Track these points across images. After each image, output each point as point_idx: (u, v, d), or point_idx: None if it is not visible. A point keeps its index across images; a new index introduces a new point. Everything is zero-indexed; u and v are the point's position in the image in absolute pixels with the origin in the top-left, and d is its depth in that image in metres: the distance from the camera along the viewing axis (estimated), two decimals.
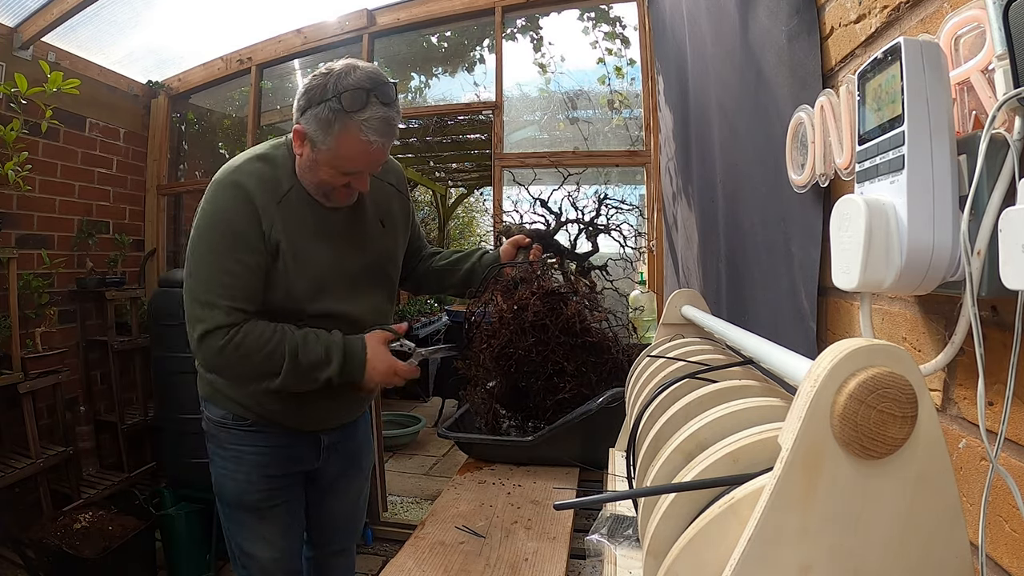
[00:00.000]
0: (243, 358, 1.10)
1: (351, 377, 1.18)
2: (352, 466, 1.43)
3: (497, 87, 2.62)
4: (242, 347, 1.09)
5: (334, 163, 1.10)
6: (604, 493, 0.95)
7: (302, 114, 1.10)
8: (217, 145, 3.51)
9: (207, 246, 1.11)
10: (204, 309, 1.10)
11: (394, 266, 1.35)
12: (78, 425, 2.65)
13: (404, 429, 3.85)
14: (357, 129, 1.06)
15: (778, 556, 0.33)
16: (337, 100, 1.05)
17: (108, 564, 2.02)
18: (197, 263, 1.12)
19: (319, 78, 1.08)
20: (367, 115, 1.05)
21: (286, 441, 1.26)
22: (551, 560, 0.96)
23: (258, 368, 1.12)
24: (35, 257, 2.55)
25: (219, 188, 1.12)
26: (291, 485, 1.30)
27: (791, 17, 0.82)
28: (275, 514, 1.28)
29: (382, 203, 1.30)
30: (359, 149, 1.08)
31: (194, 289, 1.12)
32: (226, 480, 1.27)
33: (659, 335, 1.04)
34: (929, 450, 0.33)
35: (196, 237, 1.13)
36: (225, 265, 1.09)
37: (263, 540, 1.28)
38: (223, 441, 1.26)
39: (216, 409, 1.27)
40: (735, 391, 0.58)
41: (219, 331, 1.09)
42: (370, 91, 1.06)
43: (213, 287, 1.10)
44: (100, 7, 2.45)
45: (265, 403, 1.22)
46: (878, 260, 0.47)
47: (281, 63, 3.09)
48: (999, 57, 0.40)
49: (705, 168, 1.43)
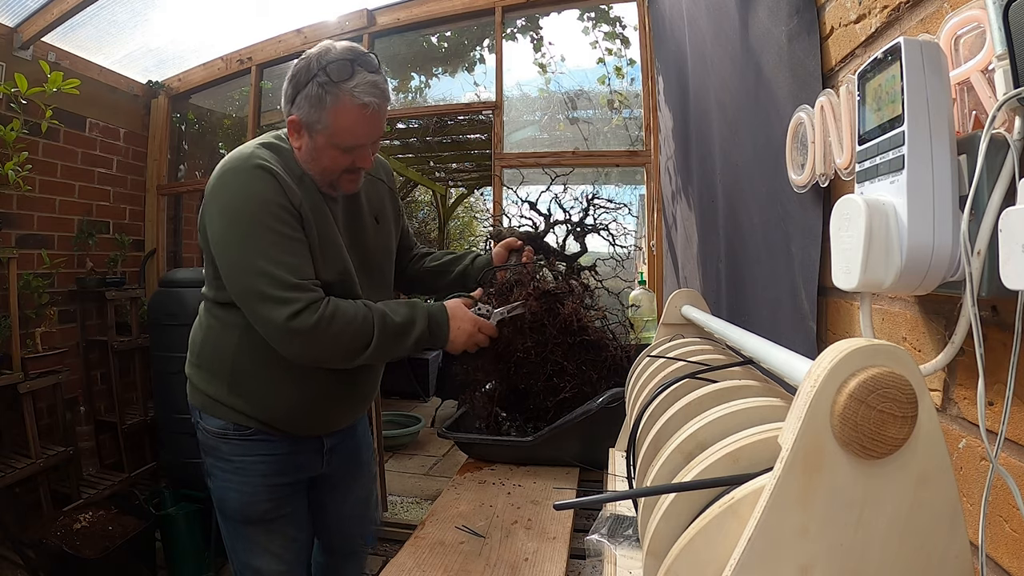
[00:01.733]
0: (338, 333, 1.05)
1: (437, 337, 1.16)
2: (354, 465, 1.42)
3: (497, 87, 2.62)
4: (334, 321, 1.04)
5: (334, 139, 1.08)
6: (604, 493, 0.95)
7: (292, 103, 1.09)
8: (217, 145, 3.51)
9: (254, 230, 1.04)
10: (285, 290, 1.02)
11: (390, 262, 1.36)
12: (78, 425, 2.65)
13: (404, 429, 3.85)
14: (349, 96, 1.05)
15: (778, 556, 0.33)
16: (324, 73, 1.04)
17: (108, 564, 2.02)
18: (250, 250, 1.04)
19: (300, 63, 1.08)
20: (355, 82, 1.05)
21: (289, 448, 1.23)
22: (551, 560, 0.96)
23: (351, 341, 1.07)
24: (35, 257, 2.55)
25: (241, 173, 1.06)
26: (295, 494, 1.27)
27: (791, 17, 0.82)
28: (281, 525, 1.24)
29: (375, 199, 1.30)
30: (355, 117, 1.07)
31: (258, 275, 1.03)
32: (229, 493, 1.22)
33: (659, 335, 1.04)
34: (929, 450, 0.33)
35: (234, 225, 1.05)
36: (283, 244, 1.05)
37: (269, 553, 1.23)
38: (224, 453, 1.21)
39: (214, 420, 1.21)
40: (735, 391, 0.58)
41: (308, 309, 1.03)
42: (353, 61, 1.05)
43: (283, 267, 1.03)
44: (100, 7, 2.45)
45: (270, 409, 1.18)
46: (878, 260, 0.47)
47: (281, 63, 3.08)
48: (999, 57, 0.40)
49: (705, 168, 1.43)
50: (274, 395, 1.17)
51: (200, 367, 1.23)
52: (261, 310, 1.04)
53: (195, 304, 2.42)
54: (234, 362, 1.17)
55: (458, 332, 1.18)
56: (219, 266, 1.09)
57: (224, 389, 1.18)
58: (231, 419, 1.19)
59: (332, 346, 1.07)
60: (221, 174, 1.08)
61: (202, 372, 1.22)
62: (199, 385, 1.22)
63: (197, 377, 1.23)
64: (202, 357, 1.22)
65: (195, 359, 1.24)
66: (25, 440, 2.24)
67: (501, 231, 1.51)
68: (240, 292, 1.07)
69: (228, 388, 1.18)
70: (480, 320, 1.22)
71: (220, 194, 1.07)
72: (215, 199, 1.08)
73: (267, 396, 1.17)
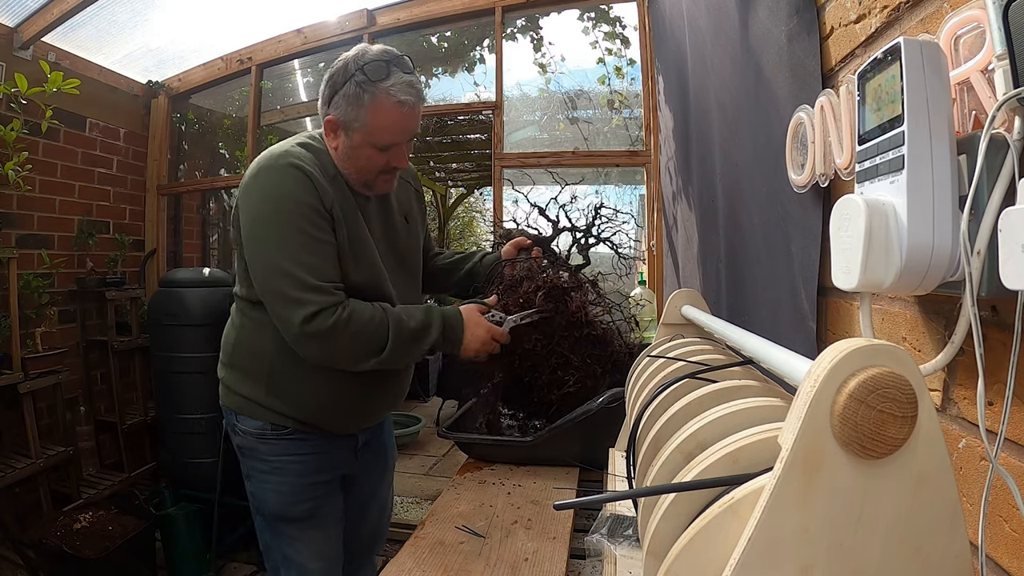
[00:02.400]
0: (354, 335, 1.06)
1: (451, 342, 1.17)
2: (381, 465, 1.42)
3: (497, 87, 2.62)
4: (351, 324, 1.06)
5: (370, 138, 1.10)
6: (604, 493, 0.95)
7: (329, 104, 1.11)
8: (217, 145, 3.51)
9: (283, 230, 1.05)
10: (304, 292, 1.04)
11: (419, 262, 1.37)
12: (78, 425, 2.65)
13: (404, 429, 3.84)
14: (385, 95, 1.07)
15: (778, 556, 0.33)
16: (361, 72, 1.07)
17: (108, 564, 2.02)
18: (276, 250, 1.05)
19: (337, 65, 1.10)
20: (391, 81, 1.07)
21: (325, 446, 1.22)
22: (551, 560, 0.96)
23: (366, 345, 1.08)
24: (35, 257, 2.55)
25: (274, 171, 1.08)
26: (332, 492, 1.27)
27: (791, 17, 0.82)
28: (320, 522, 1.24)
29: (403, 200, 1.32)
30: (392, 116, 1.09)
31: (280, 276, 1.05)
32: (268, 494, 1.21)
33: (659, 335, 1.04)
34: (929, 450, 0.33)
35: (264, 223, 1.07)
36: (309, 245, 1.06)
37: (310, 550, 1.23)
38: (263, 454, 1.20)
39: (252, 421, 1.20)
40: (735, 391, 0.58)
41: (326, 311, 1.04)
42: (389, 62, 1.08)
43: (305, 269, 1.05)
44: (100, 7, 2.45)
45: (308, 407, 1.18)
46: (878, 260, 0.47)
47: (281, 63, 3.09)
48: (999, 57, 0.40)
49: (705, 168, 1.43)
50: (312, 394, 1.17)
51: (234, 368, 1.22)
52: (279, 310, 1.06)
53: (195, 304, 2.48)
54: (271, 362, 1.16)
55: (472, 339, 1.19)
56: (248, 264, 1.10)
57: (262, 390, 1.17)
58: (268, 419, 1.18)
59: (347, 349, 1.08)
60: (256, 172, 1.09)
61: (236, 373, 1.21)
62: (234, 387, 1.21)
63: (232, 379, 1.22)
64: (236, 358, 1.21)
65: (228, 360, 1.23)
66: (25, 440, 2.24)
67: (511, 231, 1.52)
68: (264, 291, 1.08)
69: (266, 389, 1.17)
70: (494, 327, 1.22)
71: (253, 191, 1.08)
72: (248, 196, 1.09)
73: (304, 395, 1.17)
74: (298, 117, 3.39)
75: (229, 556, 2.50)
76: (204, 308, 2.47)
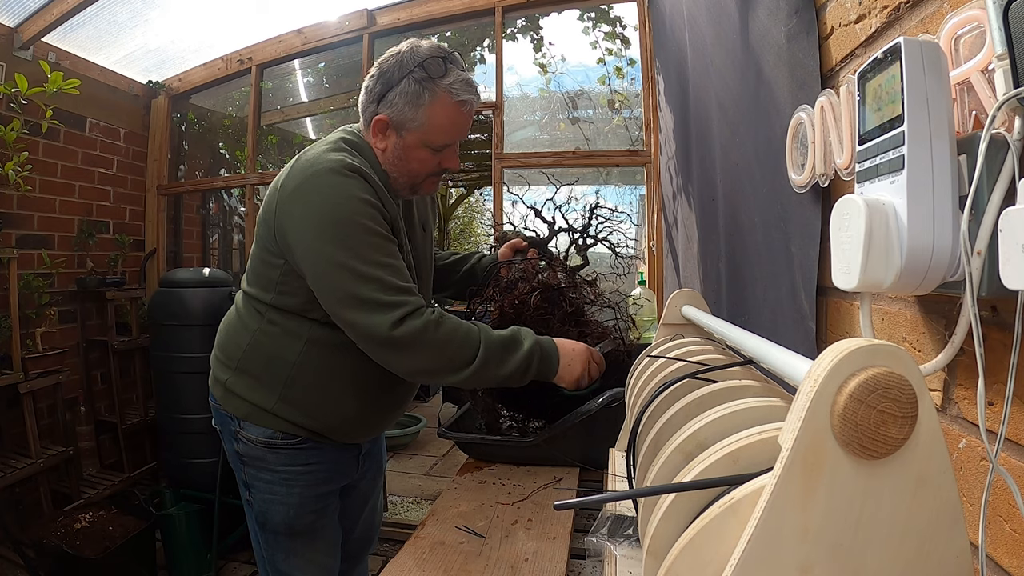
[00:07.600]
0: (444, 342, 0.99)
1: (544, 361, 1.07)
2: (376, 470, 1.41)
3: (497, 87, 2.62)
4: (441, 328, 0.99)
5: (427, 139, 1.05)
6: (604, 493, 0.95)
7: (380, 102, 1.05)
8: (217, 145, 3.51)
9: (355, 233, 0.98)
10: (391, 295, 0.97)
11: (430, 271, 1.34)
12: (78, 425, 2.65)
13: (404, 429, 3.84)
14: (446, 93, 1.03)
15: (778, 556, 0.33)
16: (421, 69, 1.01)
17: (108, 564, 2.02)
18: (350, 255, 0.97)
19: (389, 61, 1.05)
20: (451, 79, 1.03)
21: (334, 455, 1.19)
22: (551, 560, 0.96)
23: (455, 353, 1.01)
24: (35, 257, 2.55)
25: (329, 174, 0.99)
26: (333, 501, 1.24)
27: (791, 17, 0.82)
28: (323, 534, 1.21)
29: (422, 207, 1.29)
30: (453, 115, 1.04)
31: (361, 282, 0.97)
32: (274, 506, 1.16)
33: (659, 335, 1.04)
34: (929, 450, 0.33)
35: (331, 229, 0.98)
36: (384, 247, 1.00)
37: (312, 564, 1.20)
38: (270, 463, 1.14)
39: (259, 429, 1.13)
40: (735, 391, 0.58)
41: (418, 312, 0.98)
42: (444, 59, 1.03)
43: (388, 271, 0.98)
44: (100, 7, 2.45)
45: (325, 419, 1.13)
46: (878, 260, 0.47)
47: (281, 63, 3.09)
48: (999, 57, 0.40)
49: (705, 168, 1.43)
50: (332, 406, 1.13)
51: (245, 373, 1.14)
52: (361, 318, 0.97)
53: (195, 304, 2.48)
54: (294, 372, 1.11)
55: (573, 353, 1.10)
56: (308, 273, 1.02)
57: (274, 398, 1.11)
58: (279, 428, 1.12)
59: (438, 354, 1.00)
60: (310, 175, 1.01)
61: (247, 378, 1.14)
62: (241, 393, 1.14)
63: (240, 384, 1.14)
64: (247, 363, 1.14)
65: (236, 364, 1.15)
66: (25, 440, 2.24)
67: (506, 233, 1.53)
68: (339, 300, 0.99)
69: (280, 397, 1.11)
70: (591, 349, 1.14)
71: (309, 196, 1.00)
72: (302, 201, 1.00)
73: (323, 406, 1.13)
74: (298, 117, 3.39)
75: (229, 556, 2.50)
76: (204, 308, 2.47)
